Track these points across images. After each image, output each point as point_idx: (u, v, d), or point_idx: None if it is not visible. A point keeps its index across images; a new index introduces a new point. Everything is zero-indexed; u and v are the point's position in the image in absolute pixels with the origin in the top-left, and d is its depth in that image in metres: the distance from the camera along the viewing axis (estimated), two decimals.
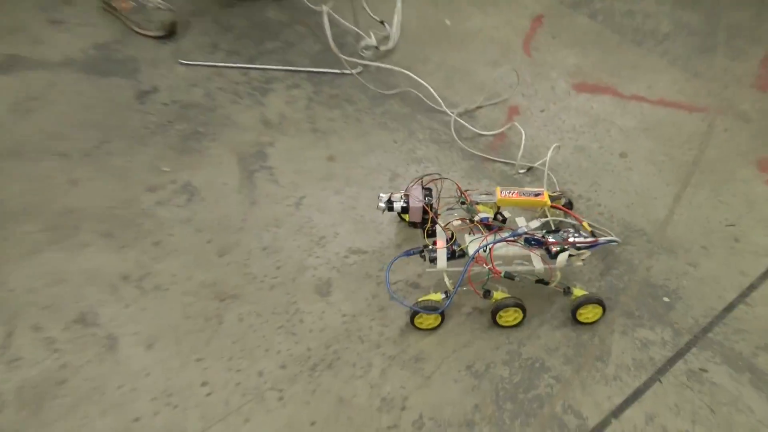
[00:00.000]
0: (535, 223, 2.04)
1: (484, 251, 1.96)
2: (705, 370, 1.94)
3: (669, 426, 1.85)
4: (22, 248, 2.20)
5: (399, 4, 2.83)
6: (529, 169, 2.39)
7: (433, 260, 1.98)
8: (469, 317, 2.06)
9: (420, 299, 1.99)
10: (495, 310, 1.98)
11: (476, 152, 2.46)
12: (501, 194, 2.03)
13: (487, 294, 1.99)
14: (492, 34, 2.92)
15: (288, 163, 2.45)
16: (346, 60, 2.69)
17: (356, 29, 2.75)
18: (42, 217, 2.28)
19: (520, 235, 1.99)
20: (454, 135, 2.52)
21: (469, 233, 2.02)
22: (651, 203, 2.33)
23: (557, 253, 1.97)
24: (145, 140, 2.53)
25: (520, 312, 1.98)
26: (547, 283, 2.03)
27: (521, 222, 2.06)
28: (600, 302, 1.98)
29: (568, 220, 2.09)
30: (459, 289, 1.97)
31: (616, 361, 1.95)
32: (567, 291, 2.03)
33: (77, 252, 2.20)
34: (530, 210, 2.13)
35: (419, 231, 2.12)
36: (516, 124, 2.51)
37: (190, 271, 2.15)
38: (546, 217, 2.10)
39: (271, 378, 1.93)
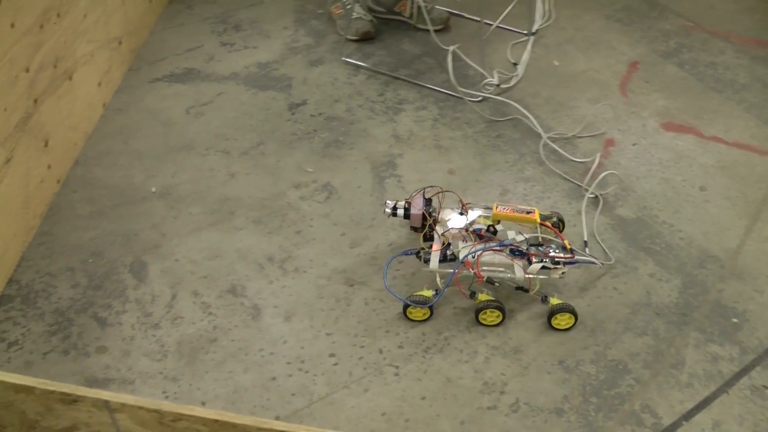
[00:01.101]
0: (521, 237, 2.01)
1: (473, 257, 1.93)
2: (767, 387, 1.86)
3: None
4: (188, 226, 2.25)
5: (527, 52, 2.83)
6: (596, 197, 2.33)
7: (427, 261, 1.97)
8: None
9: (413, 294, 1.97)
10: (478, 310, 1.96)
11: (563, 174, 2.41)
12: (497, 209, 2.01)
13: (473, 295, 1.97)
14: (593, 75, 2.88)
15: (414, 173, 2.45)
16: (465, 91, 2.68)
17: (480, 69, 2.74)
18: (205, 202, 2.33)
19: (505, 245, 1.97)
20: (543, 157, 2.48)
21: (463, 241, 1.98)
22: (725, 233, 2.26)
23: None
24: (293, 145, 2.56)
25: (500, 314, 1.95)
26: (526, 291, 1.99)
27: (511, 235, 2.03)
28: (572, 312, 1.95)
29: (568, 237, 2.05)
30: (447, 287, 1.99)
31: (689, 370, 1.89)
32: (544, 299, 1.99)
33: (232, 233, 2.23)
34: (525, 226, 2.09)
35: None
36: (598, 157, 2.46)
37: (326, 258, 2.15)
38: (541, 233, 2.08)
39: (390, 355, 1.92)
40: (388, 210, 2.04)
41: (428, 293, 1.97)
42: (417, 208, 2.02)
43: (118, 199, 2.37)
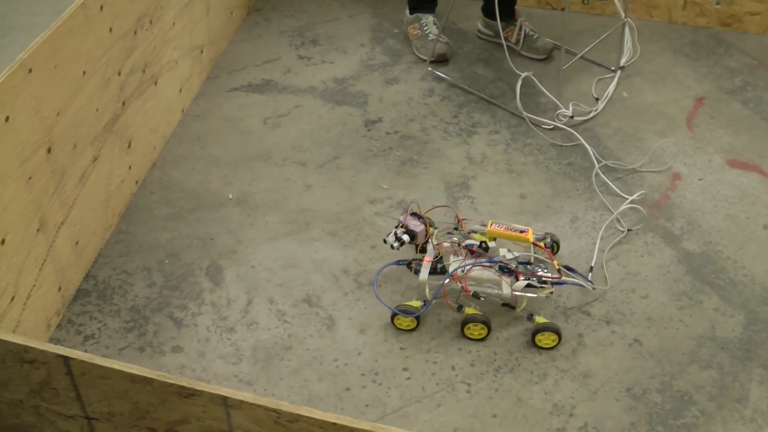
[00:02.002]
0: (512, 255, 2.04)
1: (462, 271, 1.96)
2: None
3: None
4: (264, 234, 2.30)
5: (611, 88, 2.87)
6: (628, 230, 2.36)
7: (418, 272, 2.03)
8: (631, 346, 2.02)
9: (402, 303, 2.03)
10: (464, 323, 1.99)
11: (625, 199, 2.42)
12: (491, 226, 2.06)
13: (460, 308, 2.01)
14: (661, 108, 2.90)
15: (486, 195, 2.48)
16: (532, 117, 2.71)
17: (554, 98, 2.77)
18: (281, 211, 2.38)
19: (495, 262, 2.00)
20: (595, 186, 2.49)
21: (455, 255, 2.02)
22: None
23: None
24: (369, 160, 2.61)
25: (486, 328, 1.98)
26: (513, 308, 2.02)
27: (503, 252, 2.06)
28: (557, 331, 1.97)
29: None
30: (435, 299, 2.03)
31: (753, 405, 1.89)
32: (530, 317, 2.01)
33: (308, 244, 2.28)
34: (518, 245, 2.14)
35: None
36: (639, 193, 2.47)
37: (399, 274, 2.22)
38: (534, 253, 2.12)
39: (462, 372, 1.94)
40: (396, 244, 2.06)
41: (416, 304, 2.02)
42: (416, 226, 2.07)
43: (195, 203, 2.42)
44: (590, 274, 2.21)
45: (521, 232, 2.08)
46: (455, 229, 2.15)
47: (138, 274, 2.21)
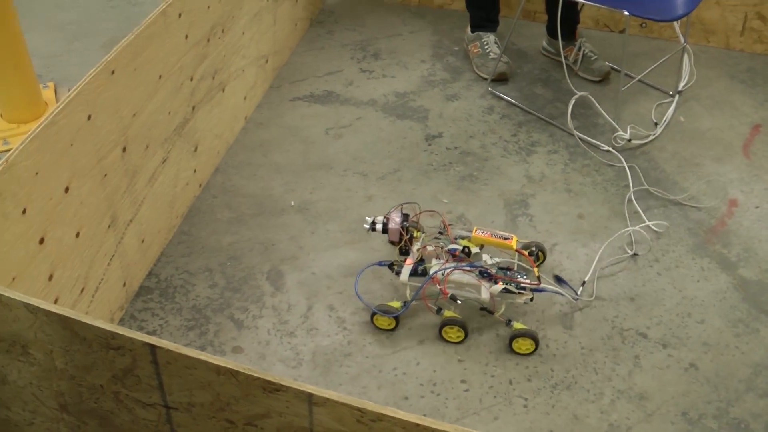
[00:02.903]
0: (493, 261, 2.07)
1: (442, 274, 1.99)
2: None
3: None
4: (325, 242, 2.35)
5: (669, 113, 2.88)
6: (634, 254, 2.39)
7: (399, 273, 2.07)
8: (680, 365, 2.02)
9: (382, 303, 2.09)
10: (442, 325, 2.03)
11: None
12: (476, 232, 2.10)
13: (439, 310, 2.05)
14: (717, 134, 2.91)
15: (545, 214, 2.50)
16: (584, 138, 2.73)
17: (611, 120, 2.79)
18: (342, 221, 2.43)
19: (475, 267, 2.03)
20: (638, 208, 2.50)
21: (437, 258, 2.06)
22: None
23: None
24: (429, 174, 2.64)
25: (463, 332, 2.02)
26: (491, 312, 2.05)
27: (485, 258, 2.08)
28: (534, 338, 2.00)
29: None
30: (414, 300, 2.08)
31: None
32: (508, 323, 2.04)
33: (368, 253, 2.32)
34: (503, 252, 2.17)
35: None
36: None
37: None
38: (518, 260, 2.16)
39: (519, 387, 1.96)
40: (367, 225, 2.14)
41: (396, 304, 2.07)
42: (394, 223, 2.11)
43: (257, 208, 2.47)
44: (581, 287, 2.24)
45: (505, 239, 2.13)
46: (440, 233, 2.18)
47: (200, 275, 2.26)
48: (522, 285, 2.05)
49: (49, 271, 1.75)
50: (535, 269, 2.10)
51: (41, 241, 1.70)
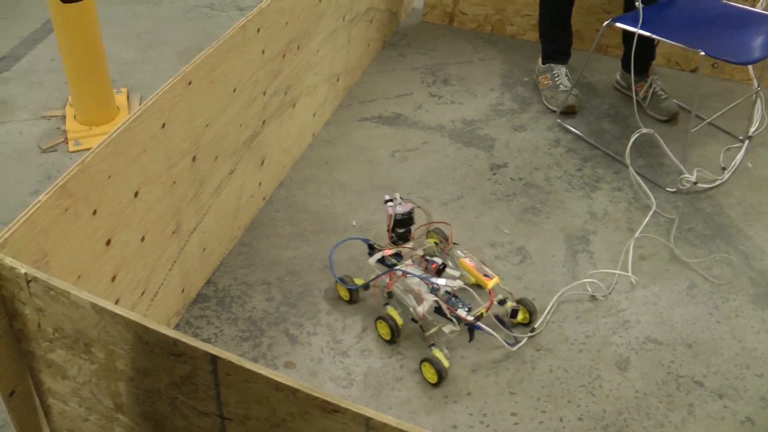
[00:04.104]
0: (453, 285, 2.07)
1: (400, 272, 2.09)
2: None
3: None
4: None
5: (739, 157, 2.85)
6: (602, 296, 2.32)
7: (371, 255, 2.19)
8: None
9: (347, 275, 2.24)
10: (379, 317, 2.12)
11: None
12: (464, 258, 2.21)
13: (385, 305, 2.14)
14: None
15: (606, 251, 2.48)
16: (640, 175, 2.70)
17: (677, 161, 2.76)
18: None
19: (429, 281, 2.07)
20: (677, 252, 2.45)
21: (411, 259, 2.17)
22: None
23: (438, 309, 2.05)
24: (491, 204, 2.64)
25: (390, 334, 2.10)
26: (421, 328, 2.10)
27: (451, 277, 2.12)
28: (440, 372, 1.99)
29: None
30: (371, 283, 2.19)
31: None
32: (431, 346, 2.05)
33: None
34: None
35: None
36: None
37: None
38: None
39: (570, 425, 1.94)
40: (387, 196, 2.25)
41: (359, 282, 2.19)
42: (395, 210, 2.21)
43: (319, 225, 2.49)
44: (530, 333, 2.21)
45: (485, 275, 2.16)
46: (435, 243, 2.29)
47: (257, 287, 2.28)
48: (455, 315, 2.03)
49: (113, 272, 1.79)
50: (484, 310, 2.07)
51: (108, 242, 1.73)
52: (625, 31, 2.80)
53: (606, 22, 2.78)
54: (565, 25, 3.20)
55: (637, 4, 2.78)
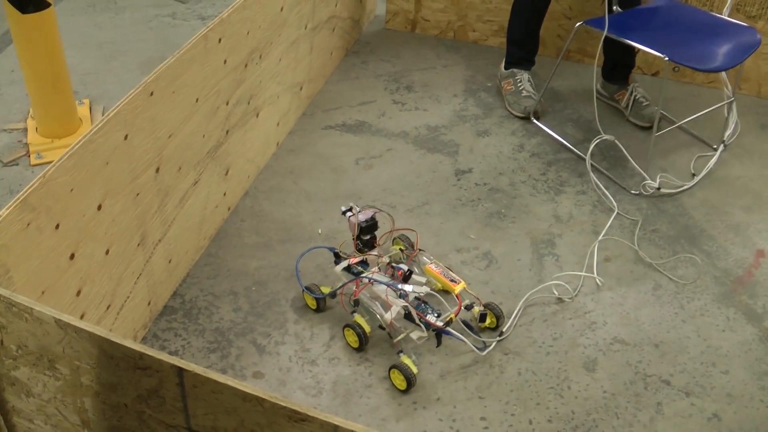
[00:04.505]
0: (420, 291, 2.09)
1: (367, 280, 2.09)
2: None
3: None
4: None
5: (710, 165, 2.90)
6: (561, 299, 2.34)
7: (336, 263, 2.19)
8: None
9: (314, 284, 2.24)
10: (346, 325, 2.13)
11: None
12: (430, 266, 2.22)
13: (352, 313, 2.14)
14: (747, 183, 2.93)
15: (571, 254, 2.50)
16: (616, 182, 2.73)
17: (638, 167, 2.80)
18: None
19: (397, 288, 2.09)
20: (641, 253, 2.49)
21: (377, 266, 2.17)
22: None
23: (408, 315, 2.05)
24: (457, 209, 2.65)
25: (358, 342, 2.11)
26: (389, 334, 2.10)
27: (417, 283, 2.14)
28: (409, 378, 2.00)
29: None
30: (338, 291, 2.19)
31: None
32: (399, 353, 2.05)
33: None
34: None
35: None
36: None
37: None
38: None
39: (539, 427, 1.96)
40: (344, 208, 2.23)
41: (326, 289, 2.20)
42: (357, 218, 2.19)
43: (284, 234, 2.49)
44: (498, 337, 2.23)
45: (452, 280, 2.17)
46: (401, 250, 2.31)
47: (224, 298, 2.27)
48: (424, 320, 2.04)
49: (78, 286, 1.77)
50: (453, 315, 2.09)
51: (72, 256, 1.72)
52: (605, 40, 2.83)
53: (578, 24, 2.81)
54: (535, 33, 3.23)
55: (615, 8, 2.81)
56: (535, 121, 3.11)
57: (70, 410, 1.42)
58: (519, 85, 3.18)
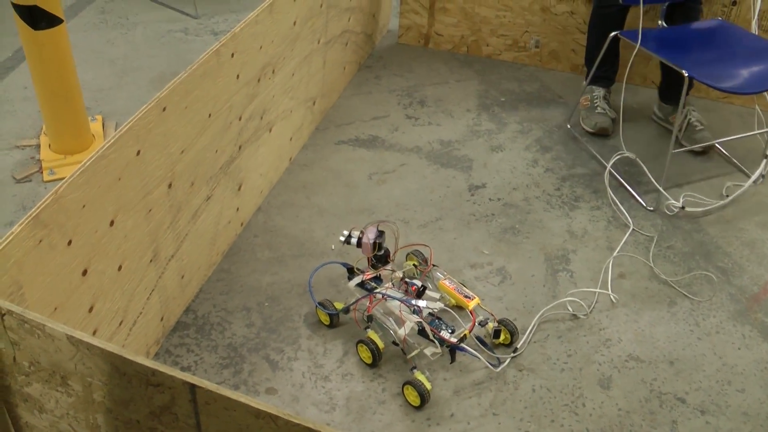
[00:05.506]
0: (434, 307, 2.09)
1: (380, 296, 2.09)
2: None
3: None
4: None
5: (741, 190, 2.91)
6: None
7: (350, 279, 2.19)
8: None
9: (326, 299, 2.23)
10: (359, 342, 2.12)
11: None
12: (443, 281, 2.22)
13: (366, 328, 2.15)
14: (762, 199, 2.91)
15: (586, 270, 2.49)
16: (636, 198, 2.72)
17: (657, 184, 2.79)
18: None
19: (411, 303, 2.09)
20: (656, 270, 2.47)
21: (391, 282, 2.17)
22: None
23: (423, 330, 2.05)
24: (470, 225, 2.65)
25: (372, 357, 2.10)
26: (402, 349, 2.11)
27: (432, 299, 2.14)
28: (423, 396, 1.99)
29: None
30: (351, 307, 2.19)
31: None
32: (412, 369, 2.05)
33: None
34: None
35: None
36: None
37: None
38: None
39: None
40: (342, 238, 2.20)
41: (339, 305, 2.19)
42: (368, 238, 2.17)
43: (297, 250, 2.49)
44: (512, 354, 2.22)
45: (466, 297, 2.17)
46: (415, 266, 2.29)
47: (237, 313, 2.27)
48: (438, 337, 2.04)
49: (90, 302, 1.78)
50: (467, 331, 2.08)
51: (84, 272, 1.73)
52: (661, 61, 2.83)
53: (612, 33, 2.82)
54: (609, 52, 3.17)
55: (660, 23, 2.80)
56: (569, 126, 3.15)
57: (82, 426, 1.43)
58: (595, 101, 3.18)
